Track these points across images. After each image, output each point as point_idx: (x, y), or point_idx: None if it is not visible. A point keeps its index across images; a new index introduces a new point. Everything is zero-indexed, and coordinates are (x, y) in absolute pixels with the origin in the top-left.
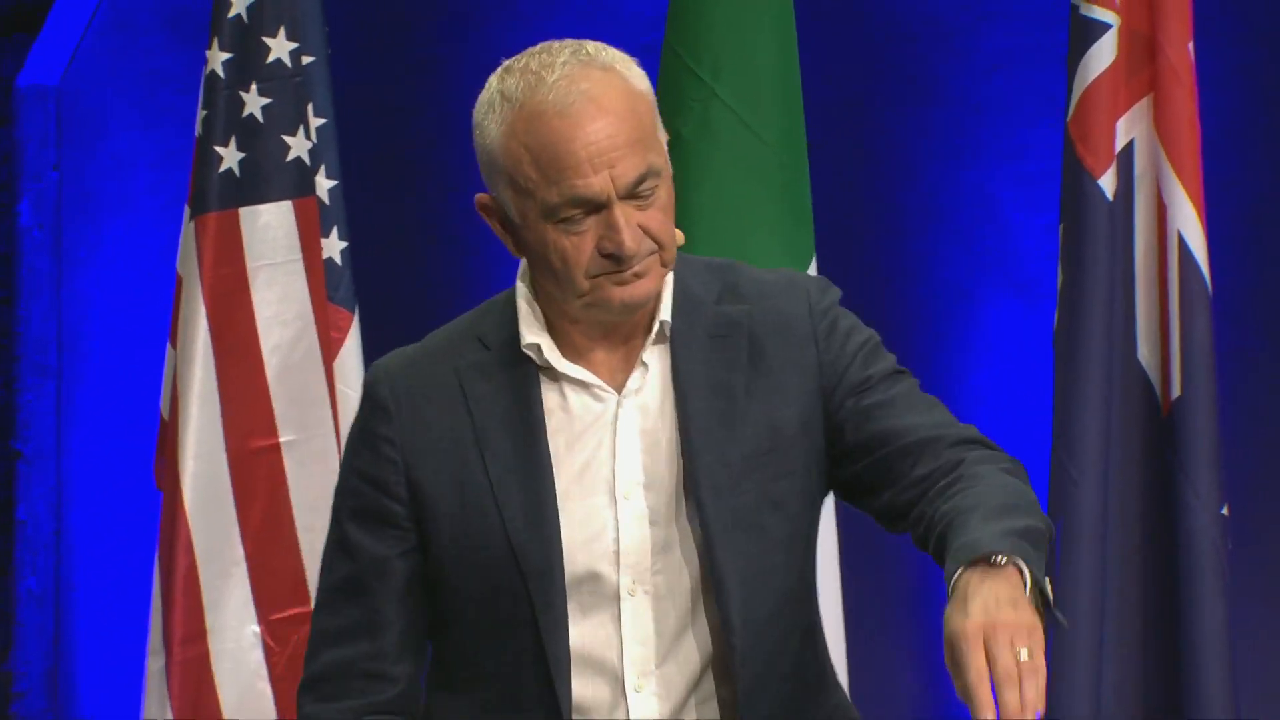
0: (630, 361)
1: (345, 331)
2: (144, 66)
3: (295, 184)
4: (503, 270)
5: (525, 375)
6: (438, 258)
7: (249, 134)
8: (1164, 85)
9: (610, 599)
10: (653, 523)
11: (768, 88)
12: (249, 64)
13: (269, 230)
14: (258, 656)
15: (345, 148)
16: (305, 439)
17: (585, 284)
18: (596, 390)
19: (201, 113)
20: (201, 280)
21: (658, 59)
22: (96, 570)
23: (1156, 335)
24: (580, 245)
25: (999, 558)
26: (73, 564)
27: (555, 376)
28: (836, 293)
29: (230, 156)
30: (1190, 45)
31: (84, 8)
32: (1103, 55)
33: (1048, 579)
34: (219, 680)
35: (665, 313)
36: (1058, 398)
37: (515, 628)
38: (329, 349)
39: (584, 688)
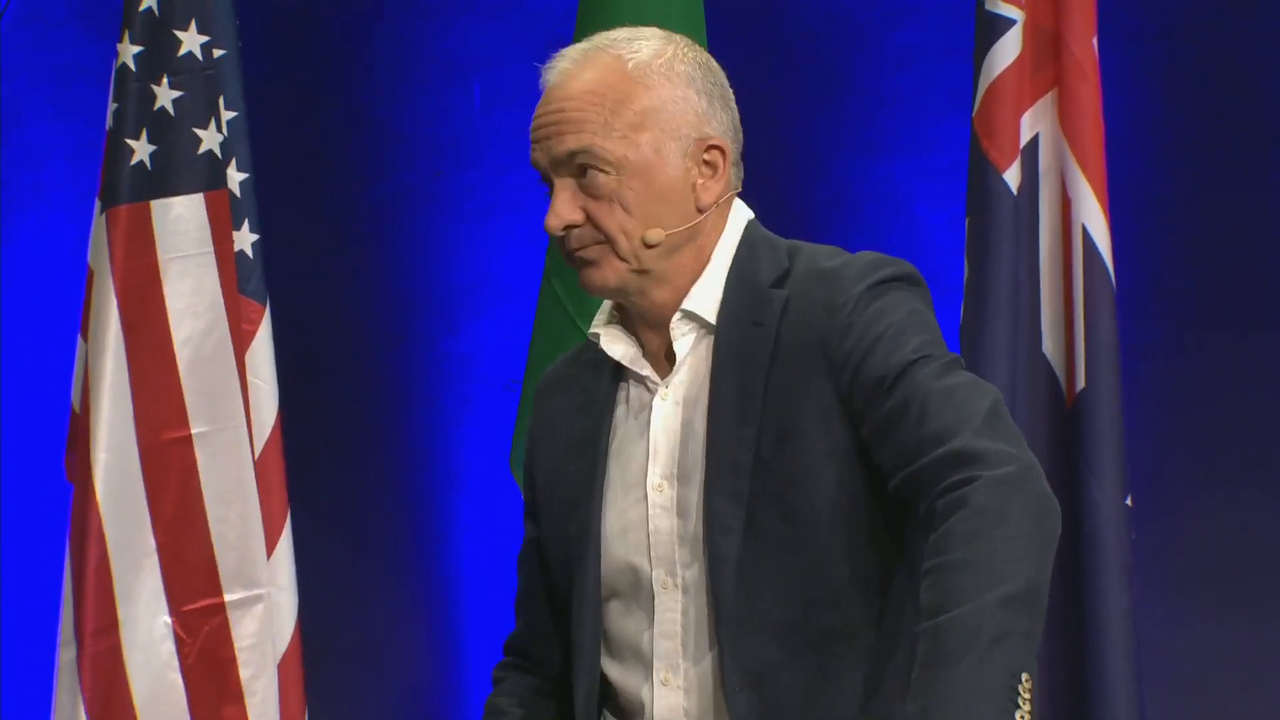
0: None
1: (256, 324)
2: (56, 59)
3: (207, 177)
4: (411, 264)
5: (610, 368)
6: (349, 251)
7: (160, 127)
8: (1068, 81)
9: (647, 591)
10: (680, 515)
11: None
12: (160, 57)
13: (180, 223)
14: (169, 648)
15: (257, 141)
16: (217, 430)
17: (565, 261)
18: (648, 381)
19: (113, 105)
20: (113, 273)
21: None
22: (7, 562)
23: (1061, 328)
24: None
25: None
26: None
27: (624, 372)
28: (887, 272)
29: (142, 149)
30: (1094, 41)
31: None
32: (1008, 51)
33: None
34: (130, 672)
35: (689, 303)
36: None
37: (567, 613)
38: (240, 341)
39: (624, 675)
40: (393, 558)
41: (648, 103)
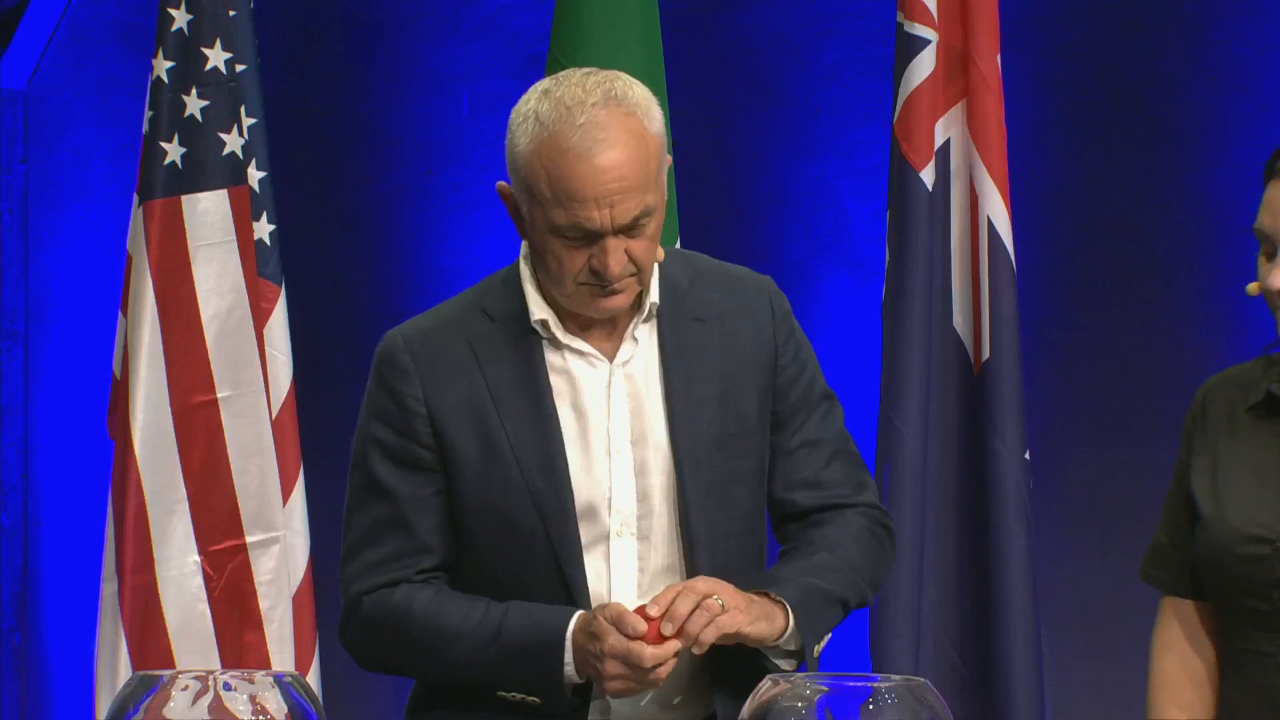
0: (620, 335)
1: (273, 303)
2: (100, 73)
3: (230, 175)
4: (407, 251)
5: (531, 344)
6: (353, 239)
7: (190, 132)
8: (976, 92)
9: (602, 538)
10: (638, 474)
11: None
12: (190, 71)
13: (207, 215)
14: (198, 582)
15: (273, 144)
16: (239, 395)
17: (570, 287)
18: (592, 359)
19: (149, 113)
20: (149, 258)
21: (543, 68)
22: (59, 508)
23: (969, 306)
24: (574, 258)
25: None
26: (39, 503)
27: (558, 346)
28: (786, 298)
29: (174, 151)
30: (998, 58)
31: (48, 23)
32: (923, 66)
33: (818, 642)
34: (164, 603)
35: (654, 295)
36: (885, 360)
37: (534, 561)
38: (259, 318)
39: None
40: None
41: (658, 148)
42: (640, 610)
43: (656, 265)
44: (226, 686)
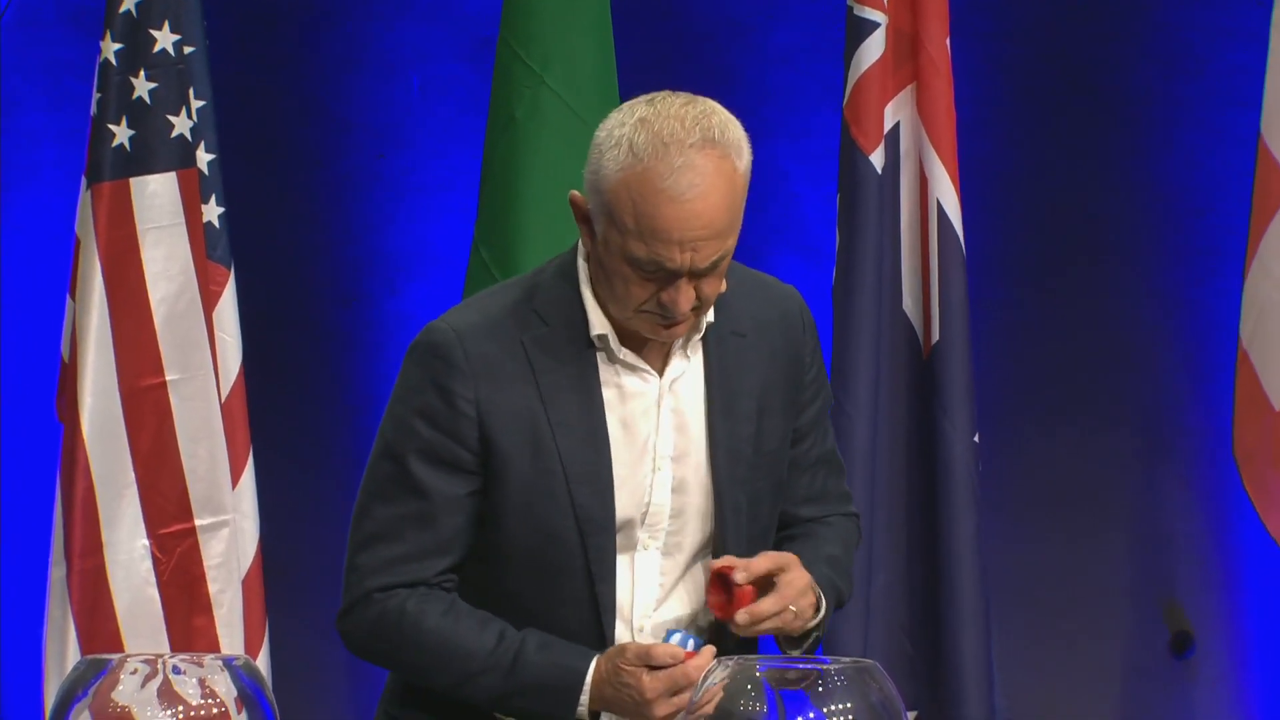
0: (670, 350)
1: (222, 286)
2: (48, 56)
3: (179, 157)
4: (358, 235)
5: (586, 356)
6: (303, 222)
7: (138, 114)
8: (925, 76)
9: (628, 550)
10: (675, 491)
11: (588, 76)
12: (138, 53)
13: (156, 198)
14: (147, 566)
15: (222, 126)
16: (188, 378)
17: (631, 312)
18: (644, 374)
19: (97, 95)
20: (98, 241)
21: (494, 51)
22: (5, 491)
23: (919, 289)
24: (643, 288)
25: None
26: None
27: (611, 358)
28: (809, 310)
29: (122, 134)
30: (948, 41)
31: None
32: (873, 50)
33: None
34: (113, 587)
35: (711, 315)
36: (836, 343)
37: (566, 573)
38: (208, 301)
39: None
40: (340, 487)
41: (743, 187)
42: (722, 567)
43: None
44: (175, 670)
